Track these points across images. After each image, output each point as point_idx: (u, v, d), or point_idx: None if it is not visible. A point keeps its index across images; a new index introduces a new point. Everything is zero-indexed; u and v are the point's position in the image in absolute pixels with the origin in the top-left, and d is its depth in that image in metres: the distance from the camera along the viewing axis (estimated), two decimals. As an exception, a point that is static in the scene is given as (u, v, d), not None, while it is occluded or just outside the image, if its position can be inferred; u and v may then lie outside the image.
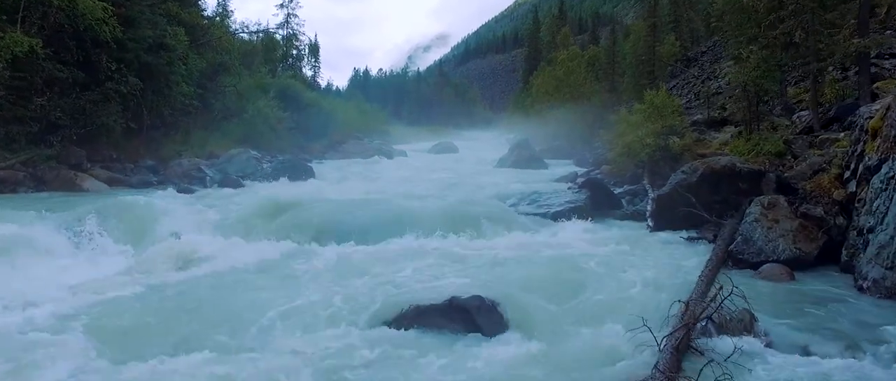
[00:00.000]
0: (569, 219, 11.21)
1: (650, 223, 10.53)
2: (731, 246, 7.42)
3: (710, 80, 34.32)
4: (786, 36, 10.85)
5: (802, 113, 12.18)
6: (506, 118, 70.77)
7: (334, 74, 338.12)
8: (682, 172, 10.30)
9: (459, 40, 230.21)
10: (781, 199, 7.86)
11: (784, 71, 12.05)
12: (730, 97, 23.83)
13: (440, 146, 38.96)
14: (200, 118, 25.04)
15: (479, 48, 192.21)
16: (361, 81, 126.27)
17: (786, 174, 9.18)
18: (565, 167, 26.30)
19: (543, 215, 11.14)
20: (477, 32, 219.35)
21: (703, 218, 9.40)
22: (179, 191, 13.92)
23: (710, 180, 9.78)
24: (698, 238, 8.93)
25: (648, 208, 11.45)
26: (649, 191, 12.78)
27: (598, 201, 12.46)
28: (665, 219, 10.29)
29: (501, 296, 5.51)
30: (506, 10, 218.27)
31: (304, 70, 57.08)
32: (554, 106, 38.60)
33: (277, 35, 48.87)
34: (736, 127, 18.21)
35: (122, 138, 18.71)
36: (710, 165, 9.85)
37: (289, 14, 53.24)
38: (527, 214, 11.24)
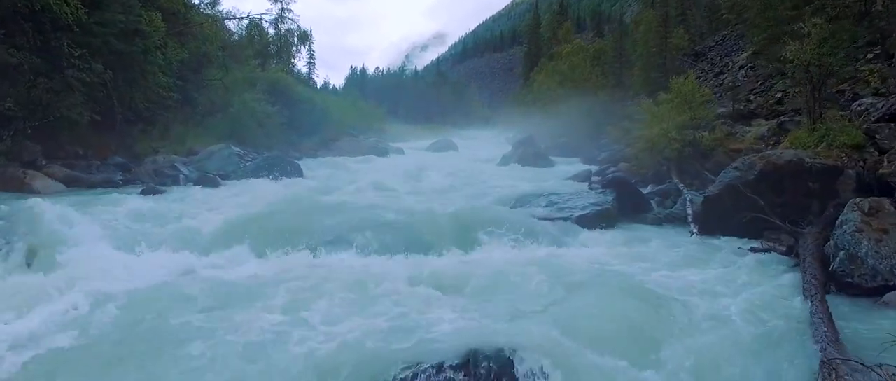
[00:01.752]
0: (596, 225, 9.50)
1: (694, 229, 8.83)
2: (833, 265, 5.70)
3: (723, 74, 32.74)
4: (860, 3, 9.17)
5: (863, 100, 10.50)
6: (505, 116, 68.94)
7: (331, 72, 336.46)
8: (735, 169, 8.60)
9: (457, 39, 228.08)
10: (885, 202, 6.16)
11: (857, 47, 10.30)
12: (753, 91, 22.23)
13: (439, 144, 37.14)
14: (182, 113, 23.27)
15: (477, 47, 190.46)
16: (358, 79, 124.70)
17: (881, 172, 7.49)
18: (573, 165, 24.61)
19: (566, 221, 9.40)
20: (474, 32, 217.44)
21: (767, 223, 7.71)
22: (144, 192, 12.17)
23: (772, 179, 8.09)
24: (765, 249, 7.21)
25: (688, 211, 9.76)
26: (684, 192, 11.09)
27: (625, 204, 10.77)
28: (713, 224, 8.60)
29: (542, 344, 3.79)
30: (503, 9, 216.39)
31: (297, 66, 55.42)
32: (558, 102, 36.89)
33: (269, 29, 47.03)
34: (766, 120, 16.56)
35: (89, 133, 16.91)
36: (772, 161, 8.15)
37: (283, 8, 51.54)
38: (546, 219, 9.51)
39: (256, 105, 24.34)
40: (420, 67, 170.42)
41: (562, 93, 36.55)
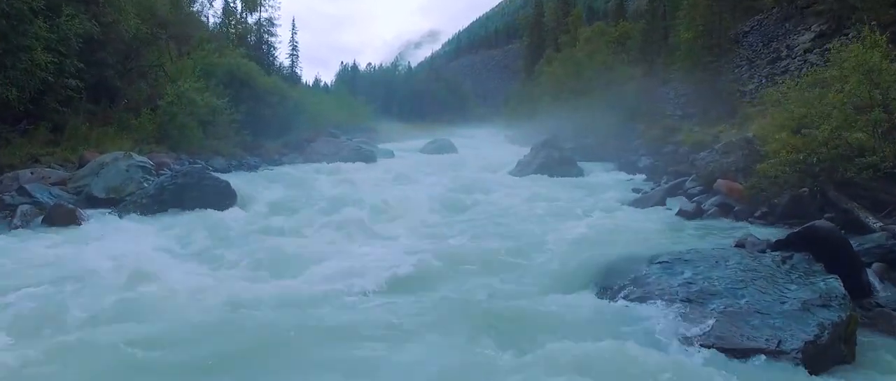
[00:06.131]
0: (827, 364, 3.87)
1: None
2: None
3: (781, 60, 27.32)
4: None
5: None
6: (504, 114, 63.39)
7: (324, 71, 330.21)
8: None
9: (450, 37, 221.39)
10: None
11: None
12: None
13: (435, 145, 31.31)
14: (103, 110, 17.54)
15: (471, 44, 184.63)
16: (349, 75, 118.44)
17: None
18: (611, 174, 18.98)
19: (778, 360, 3.71)
20: (469, 29, 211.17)
21: None
22: None
23: None
24: None
25: None
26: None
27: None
28: None
29: None
30: (497, 5, 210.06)
31: (280, 58, 49.67)
32: (574, 95, 31.23)
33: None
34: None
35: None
36: None
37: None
38: (713, 348, 3.82)
39: (198, 97, 18.48)
40: (414, 65, 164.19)
41: (578, 86, 30.90)
